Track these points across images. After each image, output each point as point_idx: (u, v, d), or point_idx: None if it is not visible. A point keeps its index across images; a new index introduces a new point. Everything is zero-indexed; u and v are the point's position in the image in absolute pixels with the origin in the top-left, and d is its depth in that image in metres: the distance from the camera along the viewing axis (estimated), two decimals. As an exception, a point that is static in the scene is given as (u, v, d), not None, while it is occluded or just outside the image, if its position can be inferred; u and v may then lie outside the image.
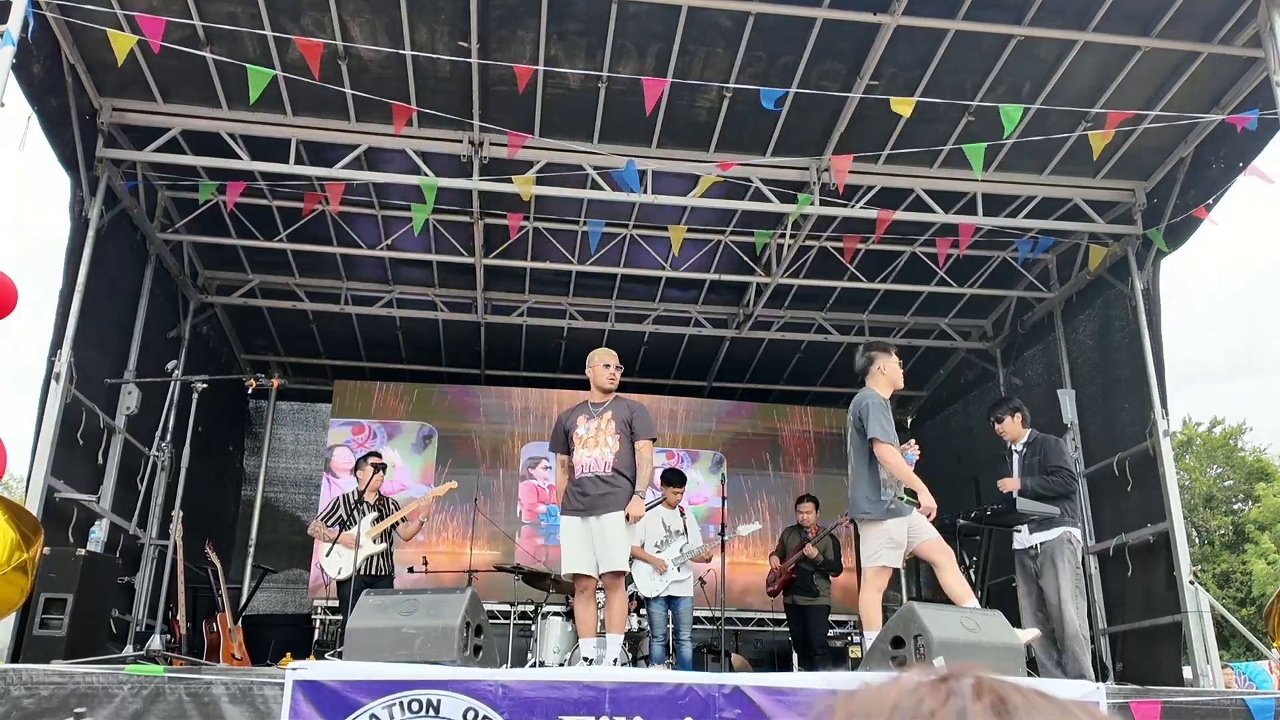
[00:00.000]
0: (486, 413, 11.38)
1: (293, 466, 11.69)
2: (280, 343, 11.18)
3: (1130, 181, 8.07)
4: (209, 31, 6.39)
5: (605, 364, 5.82)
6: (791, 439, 11.91)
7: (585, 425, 5.66)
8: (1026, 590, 6.24)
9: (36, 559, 4.24)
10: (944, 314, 10.52)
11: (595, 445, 5.58)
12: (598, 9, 6.27)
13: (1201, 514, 27.04)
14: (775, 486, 11.56)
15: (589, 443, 5.59)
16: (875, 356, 5.48)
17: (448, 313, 10.25)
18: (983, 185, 7.96)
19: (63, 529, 6.73)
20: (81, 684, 3.92)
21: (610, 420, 5.65)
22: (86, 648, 5.64)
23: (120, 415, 7.71)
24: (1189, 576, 7.23)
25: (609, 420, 5.65)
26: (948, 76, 6.88)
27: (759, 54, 6.66)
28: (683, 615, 7.67)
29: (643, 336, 10.84)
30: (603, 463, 5.55)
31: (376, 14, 6.33)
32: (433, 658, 4.33)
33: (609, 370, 5.81)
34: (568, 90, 7.00)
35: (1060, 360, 9.26)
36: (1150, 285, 8.08)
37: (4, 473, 4.41)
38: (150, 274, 8.38)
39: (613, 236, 9.04)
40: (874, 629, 5.18)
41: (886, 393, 5.43)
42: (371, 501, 7.36)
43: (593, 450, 5.57)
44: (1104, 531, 8.39)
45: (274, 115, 7.25)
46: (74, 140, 6.78)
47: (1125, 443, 8.12)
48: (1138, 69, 6.81)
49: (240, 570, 10.74)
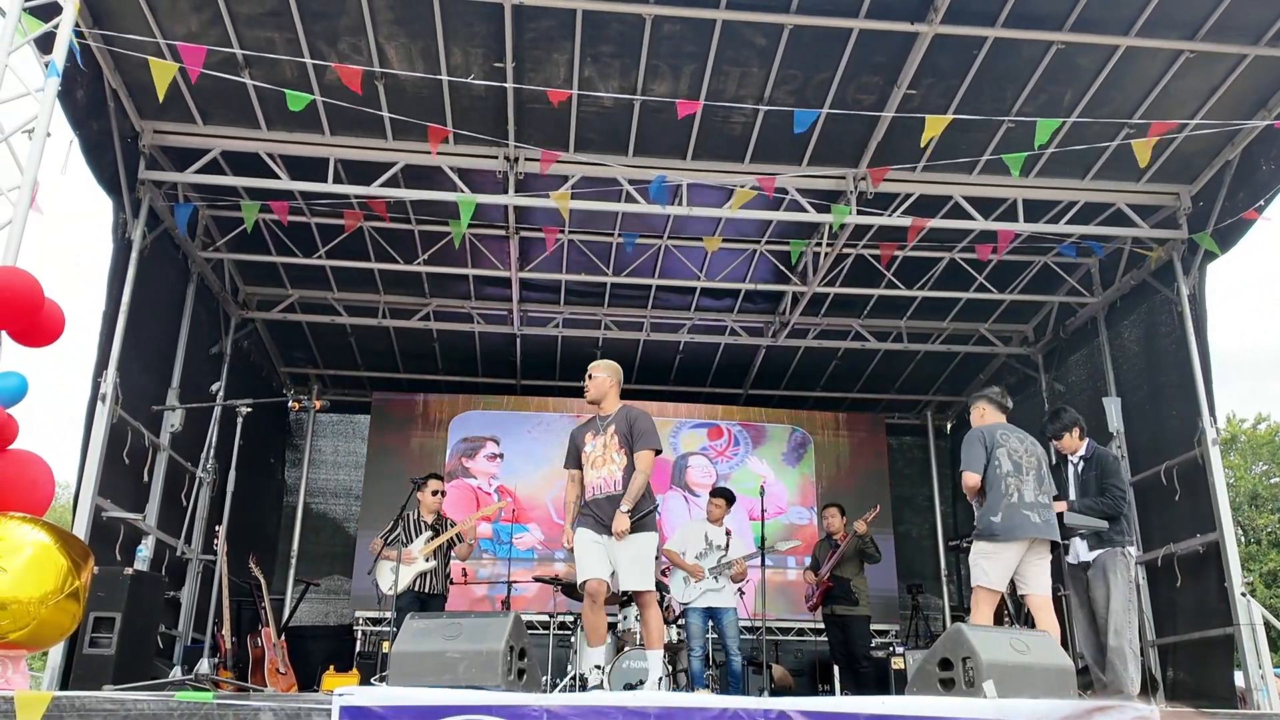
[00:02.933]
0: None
1: (333, 477, 11.82)
2: (319, 356, 11.30)
3: (1175, 185, 7.92)
4: (248, 56, 6.46)
5: (589, 375, 5.61)
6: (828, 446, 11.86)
7: (592, 443, 5.50)
8: (1079, 604, 6.12)
9: (87, 585, 4.29)
10: (984, 319, 10.39)
11: (603, 464, 5.42)
12: (631, 30, 6.27)
13: (1247, 512, 26.51)
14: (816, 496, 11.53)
15: (596, 462, 5.44)
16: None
17: (484, 325, 10.30)
18: (1023, 191, 7.86)
19: (110, 547, 6.83)
20: (134, 711, 3.95)
21: (614, 435, 5.46)
22: (134, 665, 5.72)
23: (165, 433, 7.81)
24: (1241, 588, 7.09)
25: (613, 435, 5.46)
26: (987, 85, 6.80)
27: (794, 71, 6.62)
28: (728, 628, 7.59)
29: (678, 346, 10.83)
30: (612, 481, 5.39)
31: (412, 38, 6.37)
32: (477, 682, 4.33)
33: (587, 383, 5.61)
34: (602, 108, 7.01)
35: (1104, 366, 9.11)
36: (1196, 290, 7.92)
37: (51, 500, 4.48)
38: (192, 292, 8.50)
39: (647, 247, 9.04)
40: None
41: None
42: (429, 521, 7.44)
43: (600, 470, 5.41)
44: (1152, 542, 8.24)
45: (312, 135, 7.32)
46: (116, 163, 6.89)
47: (1172, 450, 7.97)
48: (1182, 73, 6.70)
49: (283, 581, 10.87)
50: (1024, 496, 5.29)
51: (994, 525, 5.25)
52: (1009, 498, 5.27)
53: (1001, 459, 5.35)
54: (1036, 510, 5.28)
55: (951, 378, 11.73)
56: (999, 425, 5.56)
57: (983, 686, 4.36)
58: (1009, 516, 5.24)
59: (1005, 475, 5.33)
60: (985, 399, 5.76)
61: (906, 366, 11.38)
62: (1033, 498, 5.31)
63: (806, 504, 11.52)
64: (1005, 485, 5.30)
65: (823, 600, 8.19)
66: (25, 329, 4.06)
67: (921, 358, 11.03)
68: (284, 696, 4.90)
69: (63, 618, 4.16)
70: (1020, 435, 5.53)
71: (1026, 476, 5.35)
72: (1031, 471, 5.38)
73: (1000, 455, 5.36)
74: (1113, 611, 5.74)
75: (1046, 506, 5.35)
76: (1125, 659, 5.65)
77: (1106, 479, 5.90)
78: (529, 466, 11.27)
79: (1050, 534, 5.31)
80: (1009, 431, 5.50)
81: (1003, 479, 5.32)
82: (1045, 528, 5.29)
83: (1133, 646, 5.72)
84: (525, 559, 10.58)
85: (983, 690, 4.34)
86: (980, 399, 5.76)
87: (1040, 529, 5.27)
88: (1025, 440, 5.51)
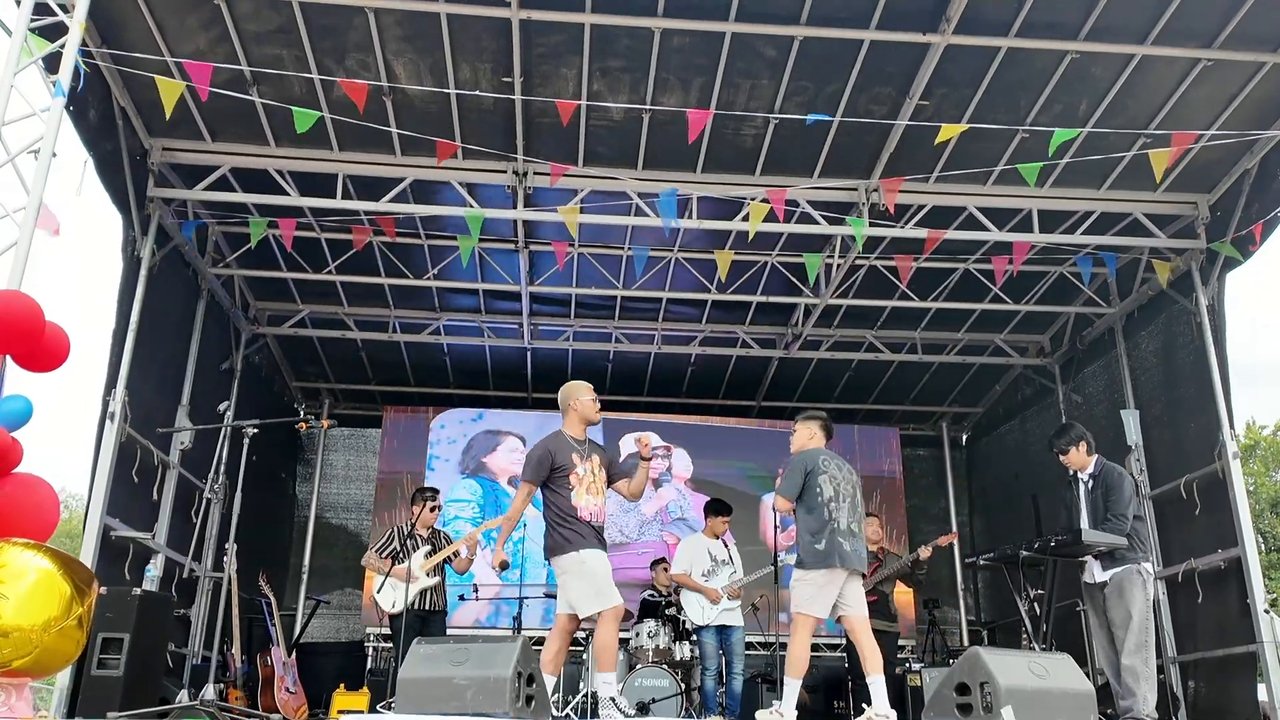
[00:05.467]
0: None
1: (344, 492, 11.78)
2: (331, 370, 11.28)
3: (1192, 195, 7.81)
4: (255, 74, 6.44)
5: (593, 397, 5.50)
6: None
7: (583, 466, 5.33)
8: (1098, 624, 6.03)
9: (91, 611, 4.25)
10: (999, 330, 10.28)
11: (598, 494, 5.33)
12: (640, 43, 6.23)
13: (1268, 520, 26.23)
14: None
15: (591, 489, 5.31)
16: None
17: (494, 339, 10.26)
18: (1038, 201, 7.77)
19: (120, 566, 6.81)
20: (136, 740, 3.91)
21: (600, 466, 5.41)
22: (143, 686, 5.67)
23: (174, 451, 7.79)
24: (1264, 604, 6.96)
25: (599, 465, 5.40)
26: (1001, 95, 6.72)
27: (805, 83, 6.57)
28: (735, 646, 7.54)
29: (689, 358, 10.75)
30: (604, 514, 5.36)
31: (420, 54, 6.34)
32: (485, 709, 4.26)
33: (596, 403, 5.50)
34: (611, 121, 6.96)
35: (1122, 377, 8.99)
36: (1215, 300, 7.80)
37: (56, 525, 4.44)
38: (202, 308, 8.49)
39: (658, 260, 8.98)
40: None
41: None
42: (424, 535, 7.35)
43: (596, 499, 5.31)
44: (1172, 557, 8.10)
45: (321, 151, 7.30)
46: (125, 181, 6.88)
47: (1192, 464, 7.84)
48: (1199, 81, 6.60)
49: (294, 597, 10.83)
50: (840, 524, 5.33)
51: (817, 553, 5.28)
52: (831, 524, 5.31)
53: (823, 485, 5.39)
54: (849, 539, 5.33)
55: (967, 389, 11.61)
56: (820, 451, 5.58)
57: (1000, 712, 4.28)
58: (830, 544, 5.28)
59: (826, 502, 5.36)
60: (817, 421, 5.75)
61: (921, 378, 11.27)
62: (846, 525, 5.35)
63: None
64: (827, 512, 5.34)
65: None
66: (26, 353, 4.02)
67: (936, 369, 10.92)
68: (289, 724, 4.84)
69: (66, 644, 4.11)
70: (839, 462, 5.57)
71: (843, 504, 5.40)
72: (847, 499, 5.43)
73: (822, 481, 5.40)
74: (1129, 631, 5.67)
75: (857, 535, 5.41)
76: (1139, 678, 5.57)
77: (1109, 504, 5.82)
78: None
79: (859, 565, 5.37)
80: (829, 457, 5.54)
81: (824, 506, 5.36)
82: (854, 558, 5.34)
83: (1148, 665, 5.63)
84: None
85: (1001, 716, 4.26)
86: (813, 420, 5.75)
87: (850, 559, 5.30)
88: (844, 467, 5.55)
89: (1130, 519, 5.82)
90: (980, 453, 12.38)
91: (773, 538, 7.46)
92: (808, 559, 5.32)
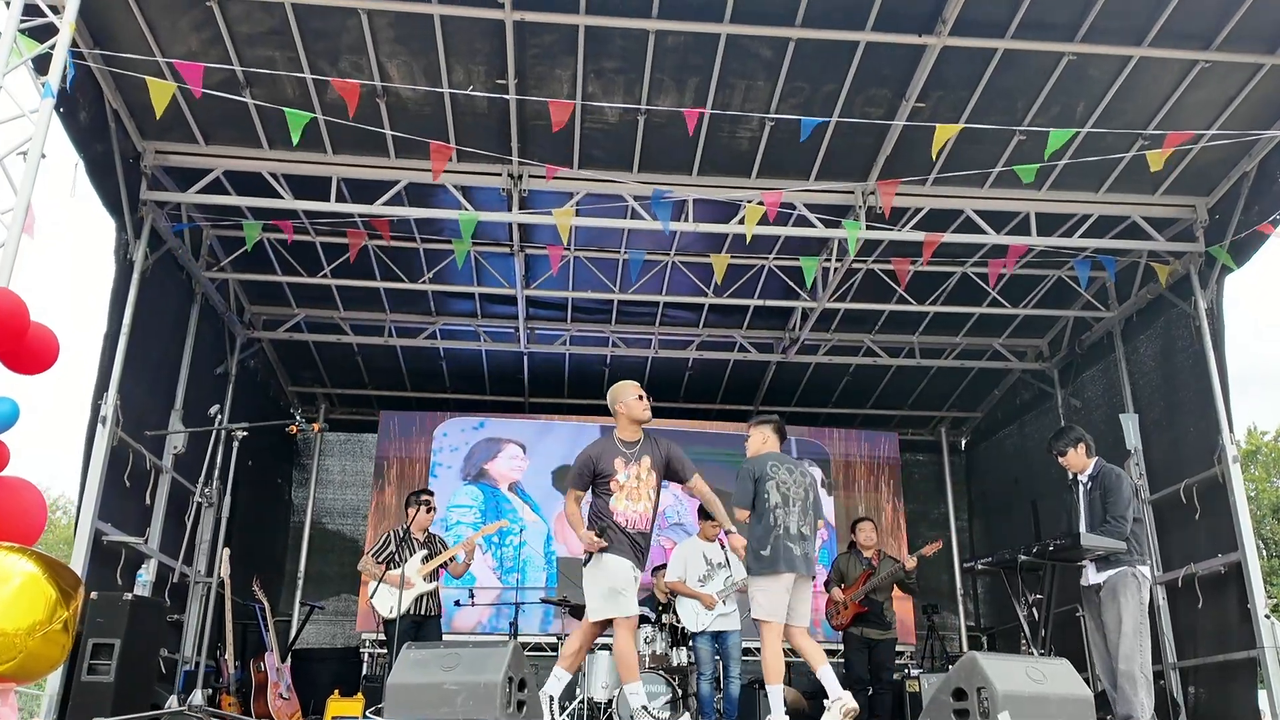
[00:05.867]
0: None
1: (340, 497, 11.72)
2: (326, 374, 11.24)
3: (1191, 198, 7.78)
4: (248, 75, 6.42)
5: (639, 395, 5.41)
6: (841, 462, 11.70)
7: (625, 472, 5.28)
8: (1095, 627, 5.98)
9: (77, 615, 4.20)
10: (998, 334, 10.24)
11: (639, 499, 5.26)
12: (634, 44, 6.20)
13: (1270, 525, 26.15)
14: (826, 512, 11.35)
15: (633, 495, 5.27)
16: None
17: (491, 343, 10.22)
18: (1036, 204, 7.74)
19: (111, 571, 6.76)
20: (122, 746, 3.86)
21: (650, 470, 5.33)
22: (134, 692, 5.62)
23: (167, 455, 7.74)
24: (1265, 610, 6.91)
25: (648, 469, 5.33)
26: (998, 97, 6.69)
27: (800, 84, 6.53)
28: (731, 650, 7.48)
29: (686, 363, 10.71)
30: (646, 519, 5.28)
31: (414, 55, 6.31)
32: (475, 715, 4.21)
33: (643, 402, 5.41)
34: (606, 123, 6.93)
35: (1121, 381, 8.95)
36: (1214, 304, 7.77)
37: (43, 528, 4.39)
38: (196, 312, 8.45)
39: (654, 264, 8.94)
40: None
41: None
42: (420, 539, 7.29)
43: (636, 505, 5.25)
44: (1172, 562, 8.05)
45: (315, 154, 7.27)
46: (118, 184, 6.85)
47: (1192, 468, 7.79)
48: (1197, 83, 6.57)
49: (289, 602, 10.77)
50: (789, 529, 5.31)
51: (764, 559, 5.28)
52: (776, 529, 5.28)
53: (770, 491, 5.39)
54: (799, 543, 5.31)
55: (966, 393, 11.57)
56: (770, 455, 5.57)
57: (997, 718, 4.22)
58: (775, 549, 5.26)
59: (773, 508, 5.36)
60: (770, 425, 5.75)
61: (920, 382, 11.23)
62: (796, 529, 5.33)
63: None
64: (773, 518, 5.34)
65: (852, 621, 7.97)
66: (10, 353, 3.97)
67: (935, 373, 10.88)
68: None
69: (51, 649, 4.06)
70: (790, 465, 5.55)
71: (792, 508, 5.38)
72: (798, 503, 5.41)
73: (769, 488, 5.39)
74: (1123, 635, 5.62)
75: (808, 539, 5.39)
76: (1136, 683, 5.51)
77: (1107, 507, 5.78)
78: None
79: (807, 569, 5.35)
80: (779, 462, 5.52)
81: (770, 512, 5.35)
82: (804, 562, 5.32)
83: (1144, 670, 5.58)
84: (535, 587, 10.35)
85: (998, 722, 4.20)
86: (765, 424, 5.74)
87: (797, 563, 5.27)
88: (795, 470, 5.53)
89: (1130, 521, 5.78)
90: (979, 457, 12.33)
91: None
92: (755, 566, 5.34)
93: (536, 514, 10.28)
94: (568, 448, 10.49)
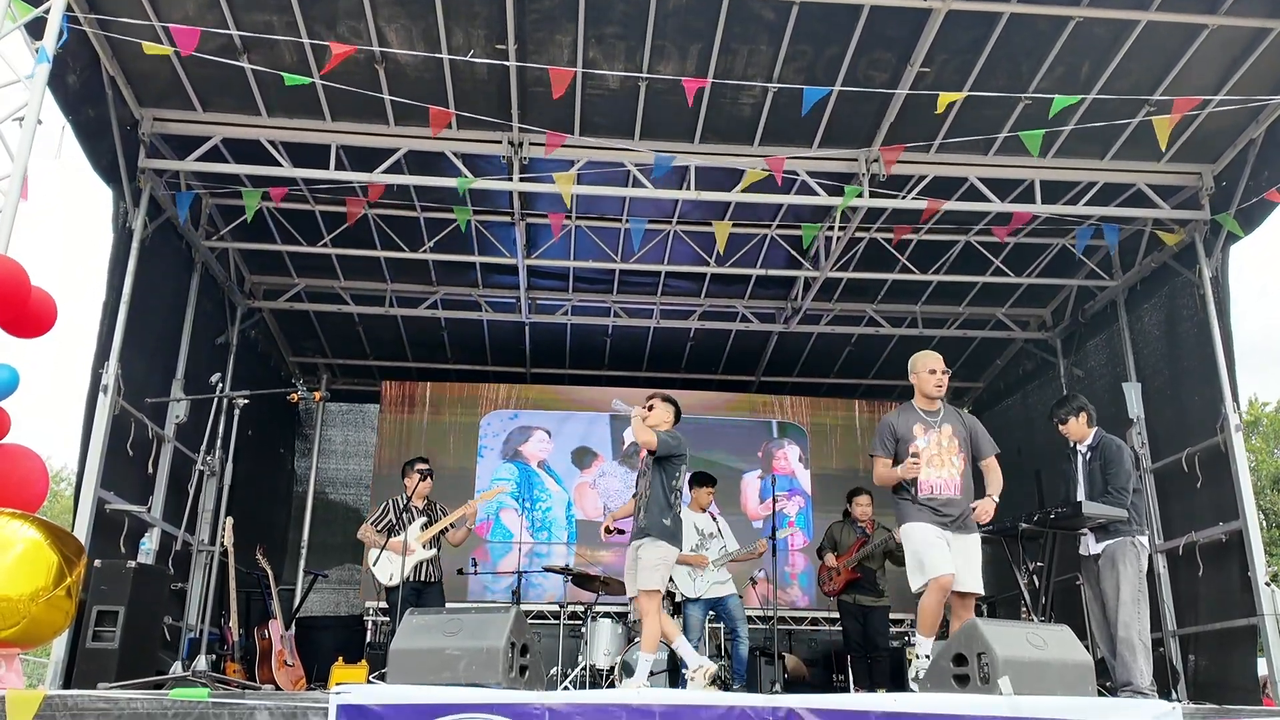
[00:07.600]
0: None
1: (343, 467, 11.76)
2: (327, 345, 11.22)
3: (1197, 165, 7.71)
4: (245, 40, 6.35)
5: (931, 370, 5.52)
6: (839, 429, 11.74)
7: (924, 438, 5.35)
8: (1093, 596, 6.01)
9: (80, 581, 4.22)
10: (1001, 303, 10.20)
11: (942, 465, 5.31)
12: (635, 9, 6.11)
13: (1270, 496, 26.19)
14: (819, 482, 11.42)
15: (934, 462, 5.30)
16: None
17: (492, 313, 10.19)
18: (1040, 172, 7.68)
19: (114, 540, 6.77)
20: (126, 710, 3.88)
21: (952, 438, 5.38)
22: (139, 659, 5.66)
23: (169, 424, 7.74)
24: (1265, 578, 6.93)
25: (950, 437, 5.38)
26: (1003, 61, 6.61)
27: (804, 48, 6.45)
28: (734, 611, 7.49)
29: (688, 333, 10.69)
30: (954, 485, 5.30)
31: (412, 19, 6.23)
32: (477, 680, 4.24)
33: (935, 377, 5.49)
34: (608, 90, 6.86)
35: (1124, 351, 8.92)
36: (1219, 272, 7.72)
37: (45, 495, 4.40)
38: (196, 281, 8.41)
39: (656, 233, 8.90)
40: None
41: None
42: (420, 507, 7.32)
43: (940, 470, 5.30)
44: (1173, 530, 8.06)
45: (313, 121, 7.21)
46: (115, 152, 6.79)
47: (1194, 437, 7.78)
48: (1204, 48, 6.49)
49: (293, 572, 10.82)
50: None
51: (665, 528, 5.62)
52: (677, 508, 5.74)
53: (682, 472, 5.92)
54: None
55: (968, 363, 11.53)
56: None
57: (998, 683, 4.24)
58: (677, 524, 5.70)
59: (680, 488, 5.86)
60: (671, 405, 6.06)
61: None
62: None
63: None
64: (676, 495, 5.75)
65: (844, 587, 8.04)
66: (13, 318, 3.96)
67: (937, 343, 10.82)
68: (280, 695, 4.82)
69: (55, 615, 4.09)
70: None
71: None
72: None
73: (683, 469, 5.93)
74: (1121, 603, 5.66)
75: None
76: (1135, 650, 5.55)
77: (1107, 477, 5.79)
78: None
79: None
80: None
81: (678, 491, 5.81)
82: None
83: (1143, 638, 5.61)
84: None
85: (998, 687, 4.22)
86: (668, 403, 6.03)
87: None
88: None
89: (1130, 493, 5.79)
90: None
91: (753, 510, 7.47)
92: (655, 530, 5.59)
93: (559, 485, 11.21)
94: (584, 432, 11.23)
